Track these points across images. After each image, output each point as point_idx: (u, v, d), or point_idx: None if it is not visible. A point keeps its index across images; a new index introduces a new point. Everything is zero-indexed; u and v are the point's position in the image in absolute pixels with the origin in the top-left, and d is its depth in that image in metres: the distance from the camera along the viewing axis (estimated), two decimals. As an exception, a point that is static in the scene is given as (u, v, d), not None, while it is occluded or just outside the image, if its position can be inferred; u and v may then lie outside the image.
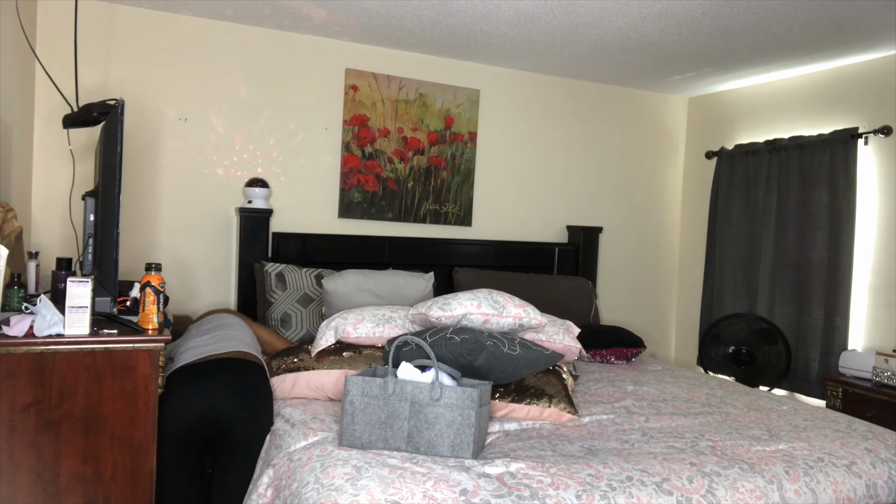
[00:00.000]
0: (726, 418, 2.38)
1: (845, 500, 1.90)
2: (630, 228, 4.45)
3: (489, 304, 2.30)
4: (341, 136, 3.60)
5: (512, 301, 2.35)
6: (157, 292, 1.91)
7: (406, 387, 1.86)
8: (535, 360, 2.28)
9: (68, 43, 2.74)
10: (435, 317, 2.27)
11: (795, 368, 3.66)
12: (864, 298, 3.48)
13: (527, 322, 2.35)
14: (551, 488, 1.66)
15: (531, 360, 2.27)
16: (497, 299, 2.32)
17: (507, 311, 2.31)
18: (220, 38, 3.32)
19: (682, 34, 3.20)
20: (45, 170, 3.01)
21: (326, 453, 1.84)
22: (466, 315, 2.27)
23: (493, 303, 2.30)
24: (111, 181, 1.98)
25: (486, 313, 2.28)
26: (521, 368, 2.24)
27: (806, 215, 3.67)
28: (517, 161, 4.08)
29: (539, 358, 2.30)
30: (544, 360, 2.33)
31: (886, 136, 3.39)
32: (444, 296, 2.38)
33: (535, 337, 2.50)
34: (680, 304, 4.61)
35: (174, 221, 3.27)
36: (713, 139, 4.36)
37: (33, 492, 1.75)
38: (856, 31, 3.07)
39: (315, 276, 3.20)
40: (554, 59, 3.75)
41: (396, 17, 3.13)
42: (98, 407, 1.80)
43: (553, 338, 2.54)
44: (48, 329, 1.76)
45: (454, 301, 2.30)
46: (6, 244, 1.86)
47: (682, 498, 1.71)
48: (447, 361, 2.11)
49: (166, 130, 3.25)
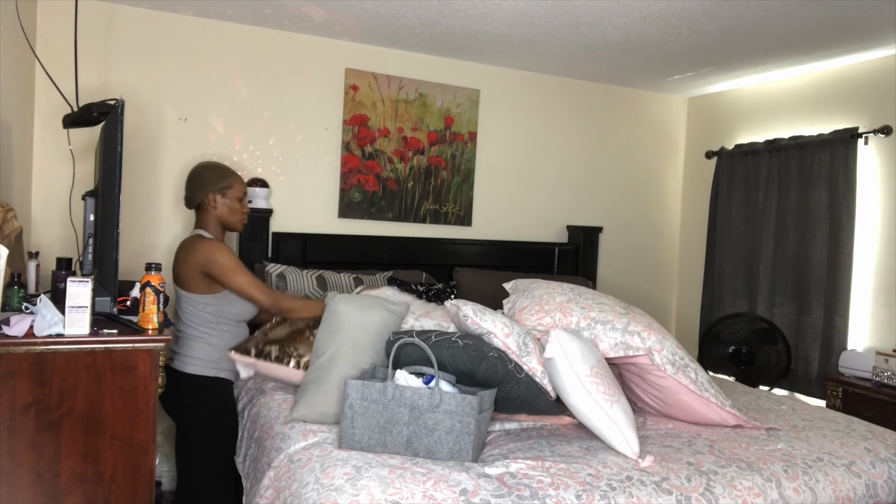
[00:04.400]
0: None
1: (845, 500, 1.90)
2: (630, 228, 4.45)
3: (516, 342, 2.11)
4: (341, 136, 3.60)
5: (537, 353, 2.13)
6: (157, 292, 1.91)
7: (405, 392, 1.85)
8: (535, 395, 2.11)
9: (68, 43, 2.74)
10: (463, 314, 2.14)
11: (795, 368, 3.66)
12: (865, 298, 3.48)
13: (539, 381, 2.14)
14: (551, 488, 1.66)
15: (533, 394, 2.11)
16: (527, 342, 2.14)
17: (528, 360, 2.10)
18: (220, 38, 3.32)
19: (683, 34, 3.20)
20: (45, 170, 3.01)
21: (326, 454, 1.84)
22: (490, 333, 2.11)
23: (520, 343, 2.12)
24: (111, 181, 1.98)
25: (508, 346, 2.10)
26: (523, 393, 2.08)
27: (806, 215, 3.67)
28: (517, 161, 4.08)
29: (539, 396, 2.12)
30: (544, 401, 2.13)
31: (886, 136, 3.39)
32: (485, 308, 2.18)
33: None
34: (680, 304, 4.61)
35: (174, 221, 3.27)
36: (713, 139, 4.36)
37: (33, 492, 1.75)
38: (856, 31, 3.07)
39: (316, 277, 3.20)
40: (554, 59, 3.75)
41: (396, 17, 3.13)
42: (98, 407, 1.80)
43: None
44: (48, 329, 1.76)
45: (489, 315, 2.14)
46: (6, 244, 1.86)
47: (682, 497, 1.71)
48: (447, 366, 2.06)
49: (166, 130, 3.25)
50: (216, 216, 2.50)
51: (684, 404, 2.21)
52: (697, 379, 2.20)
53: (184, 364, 2.45)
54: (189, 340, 2.47)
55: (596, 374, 2.01)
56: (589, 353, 2.07)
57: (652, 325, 2.26)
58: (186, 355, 2.46)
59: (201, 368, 2.46)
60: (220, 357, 2.48)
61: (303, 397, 2.14)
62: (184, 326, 2.47)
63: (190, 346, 2.46)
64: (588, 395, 1.97)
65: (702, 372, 2.24)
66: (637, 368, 2.26)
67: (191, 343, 2.46)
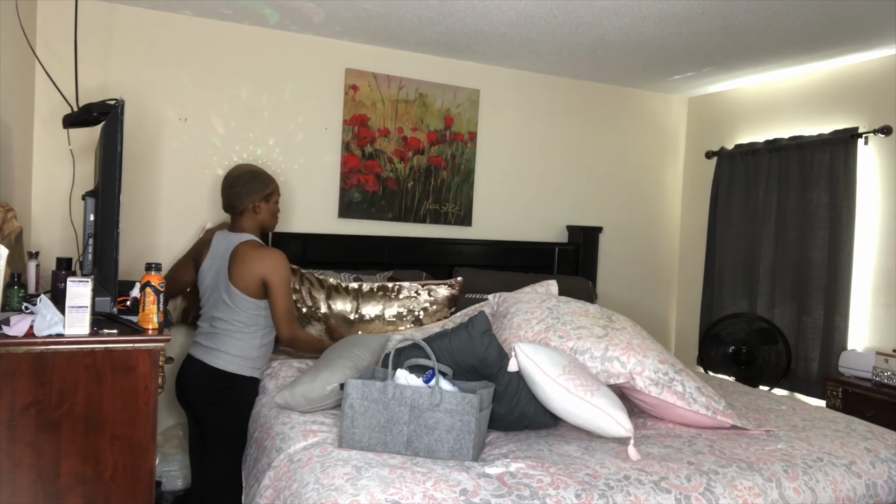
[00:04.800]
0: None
1: (845, 500, 1.90)
2: (630, 228, 4.45)
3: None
4: (341, 136, 3.60)
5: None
6: (157, 292, 1.91)
7: (406, 391, 1.85)
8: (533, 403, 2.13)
9: (68, 43, 2.74)
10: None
11: (795, 368, 3.66)
12: (865, 298, 3.48)
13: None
14: (551, 488, 1.67)
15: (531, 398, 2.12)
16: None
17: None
18: (220, 38, 3.32)
19: (682, 34, 3.20)
20: (45, 170, 3.01)
21: (326, 453, 1.84)
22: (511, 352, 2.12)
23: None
24: (111, 181, 1.98)
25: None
26: (524, 393, 2.11)
27: (806, 215, 3.67)
28: (517, 161, 4.08)
29: (539, 409, 2.14)
30: (542, 413, 2.14)
31: (886, 136, 3.39)
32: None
33: None
34: (680, 304, 4.61)
35: (174, 221, 3.27)
36: (713, 139, 4.36)
37: (33, 491, 1.75)
38: (856, 31, 3.07)
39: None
40: (554, 59, 3.75)
41: (396, 16, 3.13)
42: (98, 407, 1.80)
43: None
44: (48, 329, 1.76)
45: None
46: (6, 244, 1.86)
47: (681, 496, 1.71)
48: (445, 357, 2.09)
49: (166, 130, 3.25)
50: (259, 220, 2.60)
51: (677, 416, 2.22)
52: (685, 392, 2.18)
53: (223, 362, 2.48)
54: (233, 339, 2.49)
55: (569, 372, 2.02)
56: (557, 356, 2.09)
57: (632, 343, 2.24)
58: (227, 353, 2.48)
59: (240, 367, 2.49)
60: (259, 357, 2.54)
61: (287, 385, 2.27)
62: (229, 325, 2.50)
63: (234, 344, 2.49)
64: (567, 392, 1.98)
65: (690, 381, 2.21)
66: (625, 388, 2.26)
67: (234, 342, 2.49)
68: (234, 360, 2.48)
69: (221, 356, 2.48)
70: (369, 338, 2.46)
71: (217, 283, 2.53)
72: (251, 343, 2.51)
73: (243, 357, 2.49)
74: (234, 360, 2.48)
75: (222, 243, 2.58)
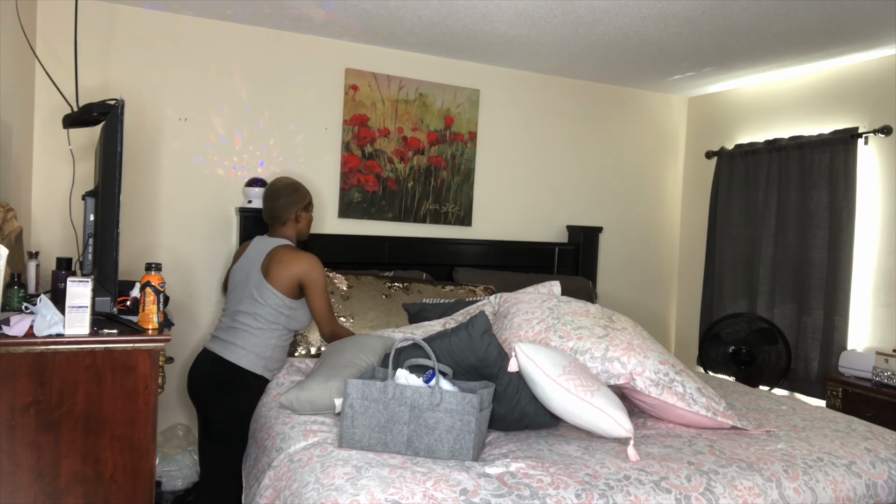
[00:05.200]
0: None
1: (845, 500, 1.90)
2: (630, 228, 4.45)
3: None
4: (341, 136, 3.60)
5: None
6: (157, 292, 1.91)
7: (406, 391, 1.85)
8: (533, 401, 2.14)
9: (68, 43, 2.74)
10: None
11: (795, 368, 3.66)
12: (865, 298, 3.48)
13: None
14: (551, 487, 1.66)
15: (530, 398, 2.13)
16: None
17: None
18: (220, 38, 3.32)
19: (682, 34, 3.20)
20: (45, 170, 3.01)
21: (326, 453, 1.84)
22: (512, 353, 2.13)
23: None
24: (111, 181, 1.98)
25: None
26: (524, 393, 2.11)
27: (806, 215, 3.67)
28: (517, 161, 4.08)
29: (540, 410, 2.15)
30: (543, 413, 2.14)
31: (886, 136, 3.39)
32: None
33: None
34: (680, 304, 4.61)
35: (174, 221, 3.28)
36: (713, 139, 4.36)
37: (33, 492, 1.75)
38: (856, 31, 3.07)
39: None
40: (554, 59, 3.75)
41: (396, 16, 3.13)
42: (98, 407, 1.80)
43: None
44: (48, 329, 1.76)
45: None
46: (6, 244, 1.86)
47: (681, 496, 1.71)
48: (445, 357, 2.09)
49: (166, 130, 3.25)
50: (298, 228, 2.75)
51: (677, 416, 2.22)
52: (686, 393, 2.18)
53: (236, 356, 2.49)
54: (250, 335, 2.51)
55: (569, 372, 2.02)
56: (558, 356, 2.08)
57: (632, 344, 2.24)
58: (242, 347, 2.50)
59: (252, 363, 2.51)
60: (271, 357, 2.56)
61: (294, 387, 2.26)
62: (250, 318, 2.52)
63: (250, 340, 2.50)
64: (567, 393, 1.98)
65: (691, 382, 2.21)
66: (625, 388, 2.26)
67: (251, 338, 2.51)
68: (246, 354, 2.50)
69: (236, 350, 2.50)
70: (373, 340, 2.46)
71: (248, 279, 2.58)
72: (267, 341, 2.53)
73: (256, 354, 2.51)
74: (246, 354, 2.50)
75: (260, 245, 2.67)
